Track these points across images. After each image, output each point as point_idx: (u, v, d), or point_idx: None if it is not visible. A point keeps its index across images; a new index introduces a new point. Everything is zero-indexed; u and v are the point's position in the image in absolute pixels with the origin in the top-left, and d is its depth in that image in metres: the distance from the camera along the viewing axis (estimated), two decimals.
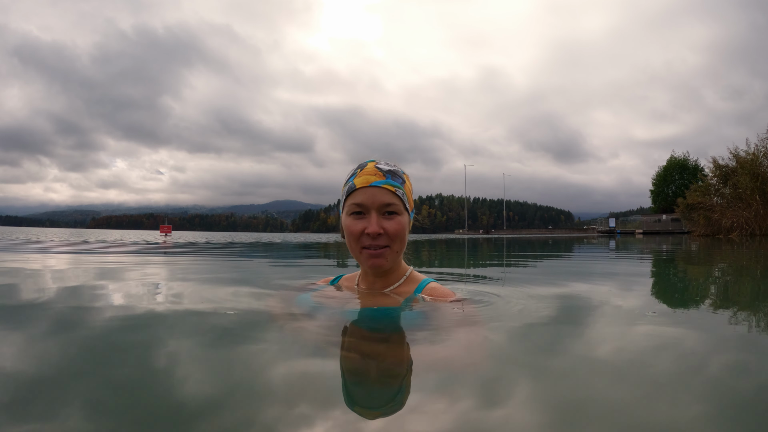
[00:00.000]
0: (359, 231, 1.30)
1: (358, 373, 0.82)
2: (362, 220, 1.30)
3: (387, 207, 1.31)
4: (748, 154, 24.77)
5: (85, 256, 4.23)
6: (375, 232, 1.28)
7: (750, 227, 22.78)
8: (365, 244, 1.31)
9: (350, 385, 0.74)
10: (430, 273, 2.91)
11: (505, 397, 0.68)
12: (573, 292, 1.85)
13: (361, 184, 1.31)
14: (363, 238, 1.30)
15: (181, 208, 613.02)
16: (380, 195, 1.30)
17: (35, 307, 1.45)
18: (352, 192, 1.32)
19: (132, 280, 2.17)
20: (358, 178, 1.33)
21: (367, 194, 1.30)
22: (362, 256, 1.33)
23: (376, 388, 0.74)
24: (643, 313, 1.27)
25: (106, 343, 1.00)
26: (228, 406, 0.64)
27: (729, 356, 0.95)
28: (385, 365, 0.87)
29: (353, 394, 0.69)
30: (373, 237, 1.29)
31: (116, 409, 0.63)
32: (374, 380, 0.77)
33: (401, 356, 0.93)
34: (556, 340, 1.06)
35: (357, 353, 0.96)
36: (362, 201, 1.30)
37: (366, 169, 1.34)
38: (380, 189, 1.31)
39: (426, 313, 1.27)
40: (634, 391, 0.71)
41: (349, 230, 1.32)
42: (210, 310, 1.37)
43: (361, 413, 0.62)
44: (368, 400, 0.69)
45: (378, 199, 1.30)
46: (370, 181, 1.31)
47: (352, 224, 1.31)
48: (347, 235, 1.33)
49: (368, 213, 1.30)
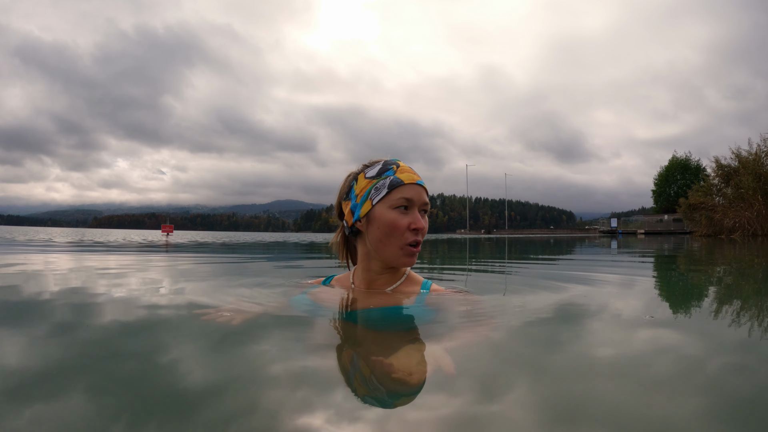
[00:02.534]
0: (405, 225, 1.32)
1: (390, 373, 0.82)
2: (407, 215, 1.33)
3: (425, 206, 1.37)
4: (750, 154, 24.70)
5: (86, 256, 4.23)
6: (422, 228, 1.33)
7: (752, 227, 22.71)
8: (409, 240, 1.33)
9: (387, 385, 0.74)
10: (433, 271, 2.91)
11: (503, 394, 0.68)
12: (571, 292, 1.84)
13: (408, 180, 1.35)
14: (407, 233, 1.32)
15: (183, 208, 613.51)
16: (423, 194, 1.37)
17: (36, 305, 1.45)
18: (398, 186, 1.34)
19: (132, 279, 2.17)
20: (402, 174, 1.36)
21: (415, 191, 1.34)
22: (402, 251, 1.33)
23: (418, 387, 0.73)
24: (641, 316, 1.27)
25: (106, 341, 1.00)
26: (230, 396, 0.64)
27: (725, 359, 0.95)
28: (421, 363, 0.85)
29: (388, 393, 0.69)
30: (417, 233, 1.33)
31: (118, 400, 0.63)
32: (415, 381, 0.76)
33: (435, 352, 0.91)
34: (551, 339, 1.05)
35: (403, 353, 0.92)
36: (412, 196, 1.33)
37: (404, 168, 1.38)
38: (422, 188, 1.37)
39: (443, 310, 1.29)
40: (625, 392, 0.71)
41: (395, 223, 1.32)
42: (208, 308, 1.37)
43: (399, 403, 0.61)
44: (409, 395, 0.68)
45: (422, 197, 1.36)
46: (415, 179, 1.36)
47: (398, 218, 1.32)
48: (391, 229, 1.32)
49: (412, 209, 1.34)
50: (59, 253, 4.58)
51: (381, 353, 0.94)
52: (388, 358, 0.83)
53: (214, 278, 2.32)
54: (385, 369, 0.76)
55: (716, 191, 26.72)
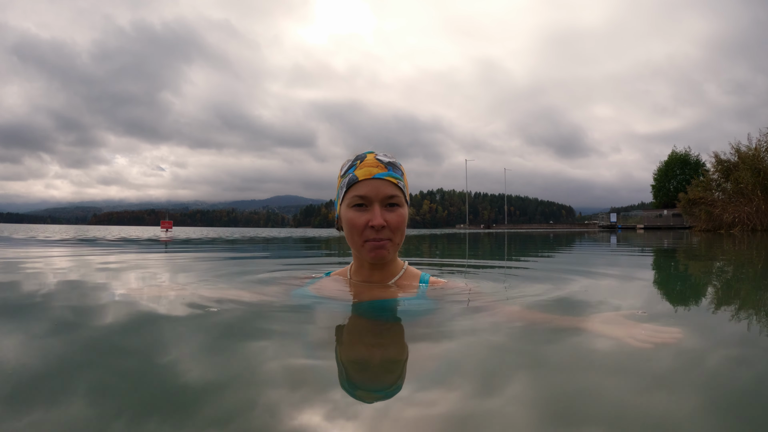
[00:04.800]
0: (363, 224, 1.28)
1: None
2: (365, 213, 1.28)
3: (390, 199, 1.30)
4: (749, 149, 24.65)
5: (86, 252, 4.23)
6: (380, 225, 1.26)
7: (751, 222, 22.72)
8: (368, 237, 1.29)
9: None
10: (432, 266, 2.91)
11: (502, 388, 0.69)
12: (571, 286, 1.85)
13: (363, 176, 1.29)
14: (366, 231, 1.28)
15: (182, 204, 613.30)
16: (383, 187, 1.29)
17: (36, 302, 1.45)
18: (354, 184, 1.30)
19: (132, 275, 2.17)
20: (360, 170, 1.30)
21: (370, 186, 1.28)
22: (364, 248, 1.30)
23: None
24: (634, 312, 1.27)
25: (107, 338, 1.00)
26: (233, 392, 0.64)
27: (725, 353, 0.96)
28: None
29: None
30: (377, 230, 1.27)
31: (120, 397, 0.63)
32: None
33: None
34: (549, 333, 1.06)
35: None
36: (365, 193, 1.28)
37: (367, 161, 1.32)
38: (383, 181, 1.29)
39: (443, 302, 1.30)
40: (626, 387, 0.71)
41: (352, 223, 1.29)
42: (207, 304, 1.37)
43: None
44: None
45: (381, 192, 1.28)
46: (373, 173, 1.29)
47: (355, 217, 1.29)
48: (349, 228, 1.30)
49: (371, 205, 1.28)
50: (59, 249, 4.58)
51: (385, 345, 0.95)
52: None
53: (215, 273, 2.32)
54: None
55: (716, 186, 26.69)
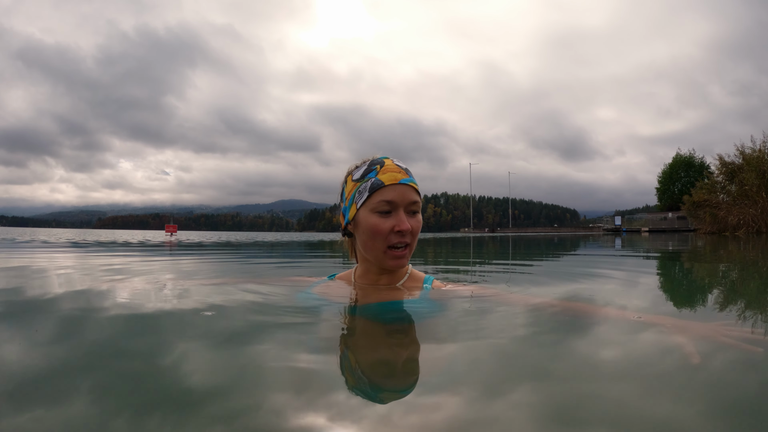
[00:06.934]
0: (388, 229, 1.27)
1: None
2: (390, 218, 1.28)
3: (413, 205, 1.31)
4: (754, 151, 24.53)
5: (91, 256, 4.26)
6: (407, 230, 1.27)
7: (756, 225, 22.57)
8: (393, 243, 1.29)
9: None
10: (437, 269, 2.91)
11: (506, 392, 0.69)
12: (575, 288, 1.85)
13: (389, 181, 1.29)
14: (391, 236, 1.28)
15: (187, 208, 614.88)
16: (408, 193, 1.30)
17: (41, 304, 1.46)
18: (379, 189, 1.29)
19: (136, 279, 2.18)
20: (384, 175, 1.29)
21: (397, 191, 1.28)
22: (387, 255, 1.30)
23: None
24: (631, 315, 1.26)
25: (111, 340, 1.01)
26: (237, 393, 0.65)
27: (729, 356, 0.96)
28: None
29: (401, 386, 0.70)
30: (403, 235, 1.28)
31: (123, 398, 0.64)
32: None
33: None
34: (553, 336, 1.06)
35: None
36: (393, 198, 1.28)
37: (388, 166, 1.32)
38: (408, 187, 1.30)
39: (448, 304, 1.30)
40: (629, 391, 0.71)
41: (376, 228, 1.28)
42: (211, 306, 1.38)
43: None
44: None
45: (407, 197, 1.29)
46: (398, 178, 1.29)
47: (379, 222, 1.28)
48: (372, 233, 1.29)
49: (395, 210, 1.28)
50: (64, 253, 4.61)
51: (390, 348, 0.96)
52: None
53: (219, 276, 2.33)
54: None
55: (720, 188, 26.55)
